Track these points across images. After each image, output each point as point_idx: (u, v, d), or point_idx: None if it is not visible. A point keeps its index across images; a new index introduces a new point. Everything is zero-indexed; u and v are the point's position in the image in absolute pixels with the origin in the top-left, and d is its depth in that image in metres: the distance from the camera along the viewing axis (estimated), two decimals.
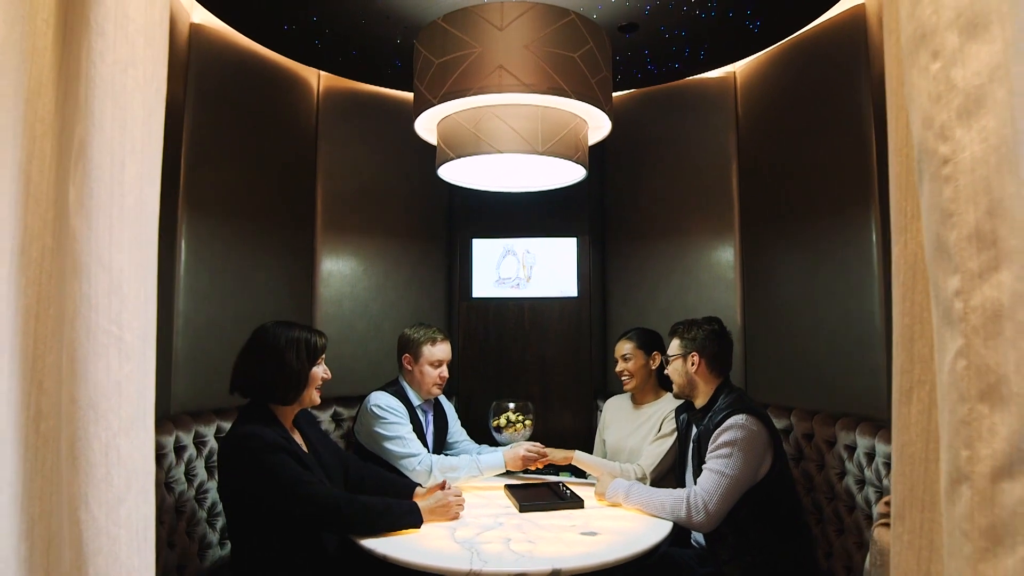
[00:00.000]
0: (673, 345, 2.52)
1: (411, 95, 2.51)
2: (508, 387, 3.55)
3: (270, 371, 2.11)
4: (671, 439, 2.69)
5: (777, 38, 3.03)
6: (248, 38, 3.05)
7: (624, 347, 2.90)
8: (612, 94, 2.44)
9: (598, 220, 3.76)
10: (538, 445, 2.68)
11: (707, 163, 3.40)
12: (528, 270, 3.67)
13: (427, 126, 2.49)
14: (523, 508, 2.30)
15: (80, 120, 0.89)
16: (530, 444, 2.68)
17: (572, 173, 2.60)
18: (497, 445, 2.84)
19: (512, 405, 2.83)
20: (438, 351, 2.76)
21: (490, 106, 2.22)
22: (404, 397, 2.72)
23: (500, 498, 2.48)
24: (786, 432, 2.77)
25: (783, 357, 2.99)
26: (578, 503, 2.36)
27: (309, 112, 3.43)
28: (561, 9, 2.26)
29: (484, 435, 3.00)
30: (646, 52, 3.20)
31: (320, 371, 2.21)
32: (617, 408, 3.05)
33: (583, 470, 2.76)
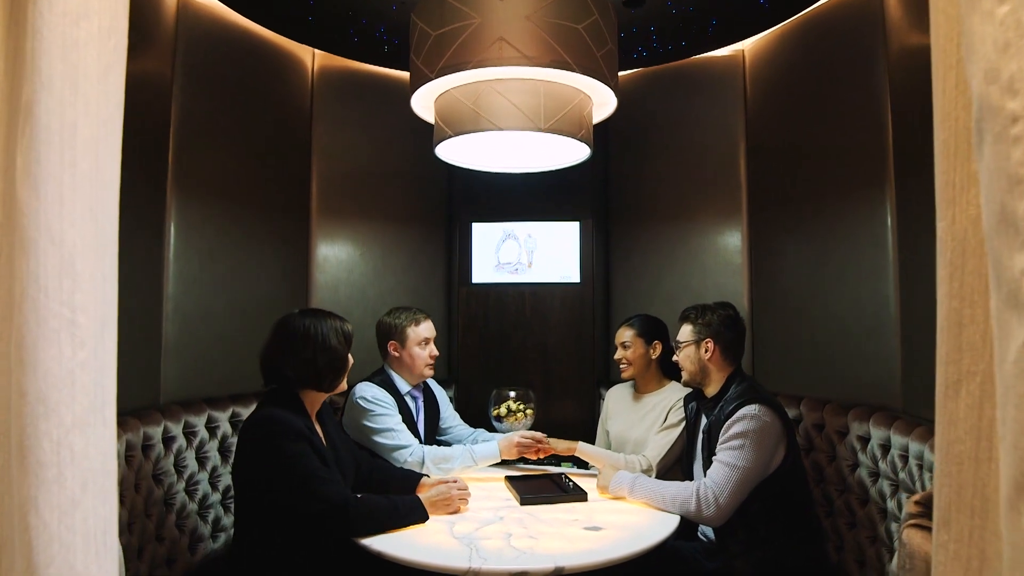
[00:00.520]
0: (685, 331, 2.42)
1: (409, 74, 2.40)
2: (509, 375, 3.48)
3: (316, 359, 2.05)
4: (678, 429, 2.60)
5: (788, 14, 2.93)
6: (239, 14, 2.94)
7: (624, 334, 2.80)
8: (618, 70, 2.33)
9: (601, 204, 3.66)
10: (541, 435, 2.60)
11: (714, 144, 3.32)
12: (529, 255, 3.57)
13: (424, 103, 2.38)
14: (524, 501, 2.22)
15: (27, 79, 0.80)
16: (526, 431, 2.60)
17: (575, 152, 2.50)
18: (497, 433, 2.76)
19: (513, 394, 2.75)
20: (423, 330, 2.70)
21: (490, 80, 2.11)
22: (391, 386, 2.64)
23: (500, 490, 2.40)
24: (795, 422, 2.69)
25: (792, 344, 2.92)
26: (581, 496, 2.28)
27: (303, 92, 3.33)
28: None
29: (484, 425, 2.92)
30: (652, 28, 3.09)
31: (350, 357, 2.17)
32: (619, 398, 2.95)
33: (586, 461, 2.68)
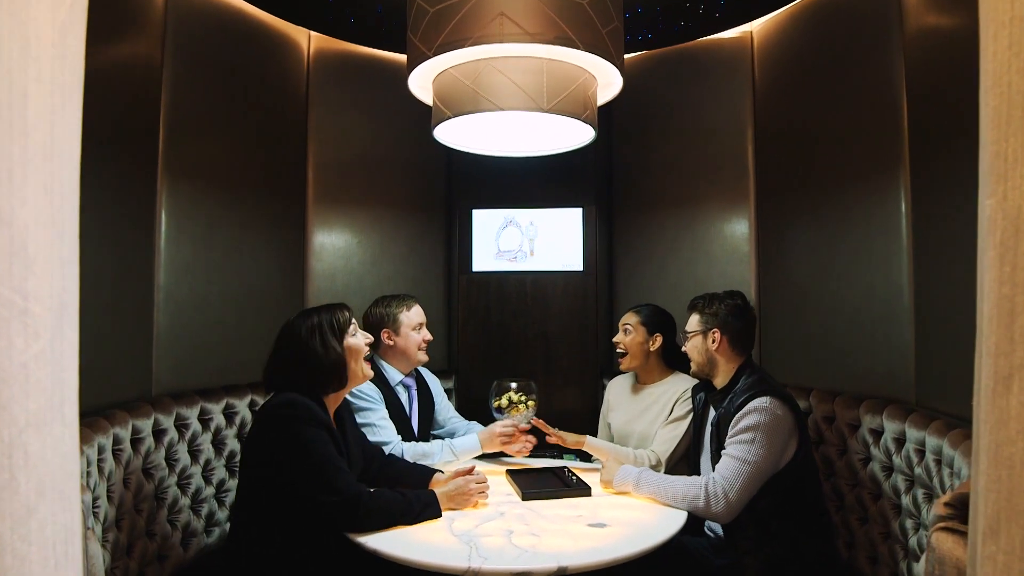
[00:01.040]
0: (692, 321, 2.34)
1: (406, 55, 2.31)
2: (510, 365, 3.41)
3: (305, 367, 1.95)
4: (686, 422, 2.52)
5: None
6: None
7: (628, 318, 2.72)
8: (624, 49, 2.24)
9: (605, 190, 3.58)
10: (550, 428, 2.53)
11: (721, 129, 3.23)
12: (531, 242, 3.49)
13: (422, 83, 2.29)
14: (526, 496, 2.15)
15: None
16: (508, 420, 2.50)
17: (579, 135, 2.41)
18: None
19: (514, 384, 2.67)
20: (415, 314, 2.66)
21: (490, 58, 2.01)
22: (381, 377, 2.56)
23: (502, 484, 2.33)
24: (804, 414, 2.62)
25: (801, 335, 2.85)
26: (585, 490, 2.21)
27: (299, 75, 3.24)
28: None
29: (485, 416, 2.85)
30: (658, 9, 2.99)
31: (356, 341, 2.04)
32: (620, 390, 2.85)
33: (589, 453, 2.61)
